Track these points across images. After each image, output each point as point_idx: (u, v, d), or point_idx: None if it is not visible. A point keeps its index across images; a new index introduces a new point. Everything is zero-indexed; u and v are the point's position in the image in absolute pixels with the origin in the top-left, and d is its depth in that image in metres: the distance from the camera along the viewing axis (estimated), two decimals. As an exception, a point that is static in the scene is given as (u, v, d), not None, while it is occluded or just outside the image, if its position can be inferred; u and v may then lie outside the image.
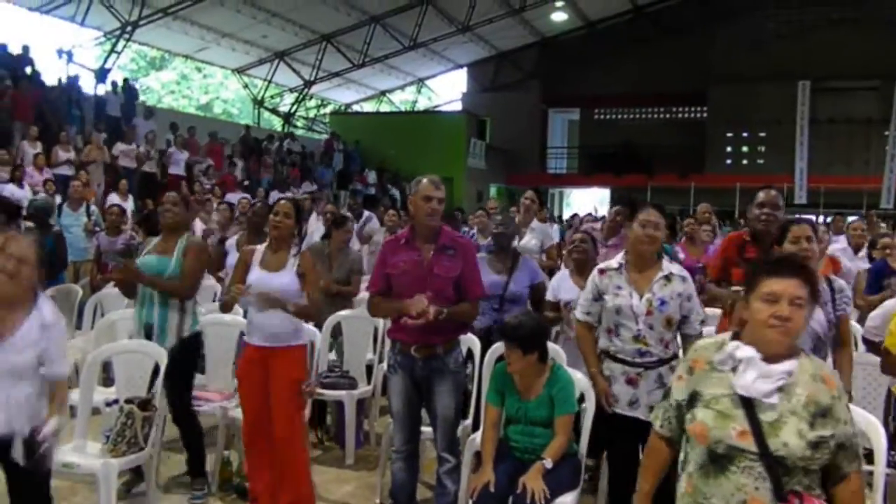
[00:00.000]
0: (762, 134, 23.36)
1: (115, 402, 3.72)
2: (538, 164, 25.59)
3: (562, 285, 4.53)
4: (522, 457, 3.36)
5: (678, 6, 22.93)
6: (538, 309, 4.51)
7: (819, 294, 2.26)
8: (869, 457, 2.62)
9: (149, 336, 3.93)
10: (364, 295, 5.79)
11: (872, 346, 3.68)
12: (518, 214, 6.45)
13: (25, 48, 13.46)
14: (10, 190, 9.20)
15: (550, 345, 3.67)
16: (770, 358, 2.04)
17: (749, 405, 2.01)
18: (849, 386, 3.24)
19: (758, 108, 22.35)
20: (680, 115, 25.18)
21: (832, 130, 21.77)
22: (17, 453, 2.73)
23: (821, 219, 17.72)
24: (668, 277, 3.30)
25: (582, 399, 3.54)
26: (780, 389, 2.01)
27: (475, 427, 4.05)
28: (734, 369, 2.07)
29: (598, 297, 3.38)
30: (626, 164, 23.15)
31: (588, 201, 24.76)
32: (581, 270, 4.42)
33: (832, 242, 6.82)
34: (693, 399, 2.13)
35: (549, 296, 4.55)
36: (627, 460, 3.32)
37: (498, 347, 4.02)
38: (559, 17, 22.63)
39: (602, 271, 3.42)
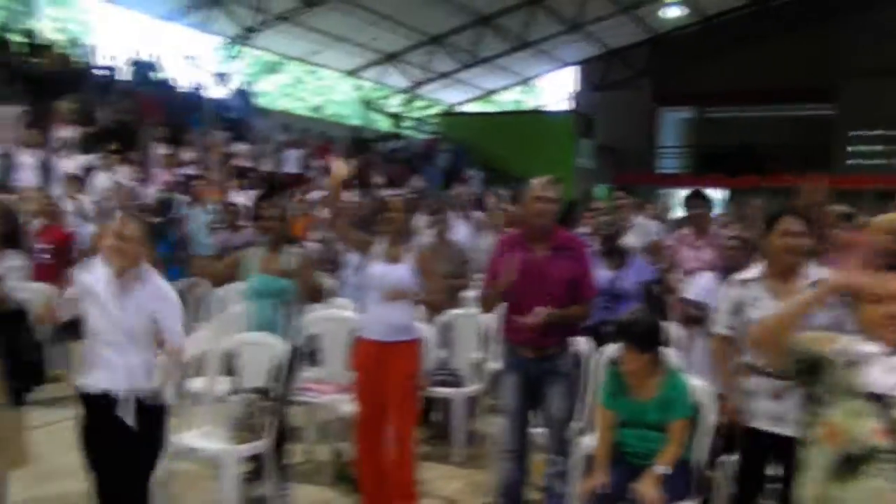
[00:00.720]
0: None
1: (239, 392, 3.89)
2: (648, 163, 24.96)
3: (712, 288, 4.26)
4: (636, 461, 3.29)
5: (804, -2, 21.81)
6: (654, 308, 4.40)
7: None
8: None
9: None
10: (472, 293, 5.85)
11: None
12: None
13: (154, 55, 14.30)
14: (143, 191, 9.80)
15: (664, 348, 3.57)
16: (892, 351, 1.95)
17: (880, 401, 1.91)
18: None
19: (891, 105, 20.92)
20: (802, 113, 23.92)
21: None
22: (128, 412, 2.97)
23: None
24: (815, 285, 3.09)
25: (698, 409, 3.43)
26: None
27: (585, 430, 4.00)
28: (854, 364, 1.97)
29: (739, 309, 3.20)
30: (741, 163, 22.22)
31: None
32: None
33: None
34: (821, 396, 2.02)
35: (694, 294, 4.33)
36: (757, 476, 3.16)
37: (609, 349, 3.95)
38: (673, 12, 21.99)
39: (742, 282, 3.25)
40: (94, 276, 3.06)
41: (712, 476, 3.84)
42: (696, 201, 5.39)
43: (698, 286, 4.31)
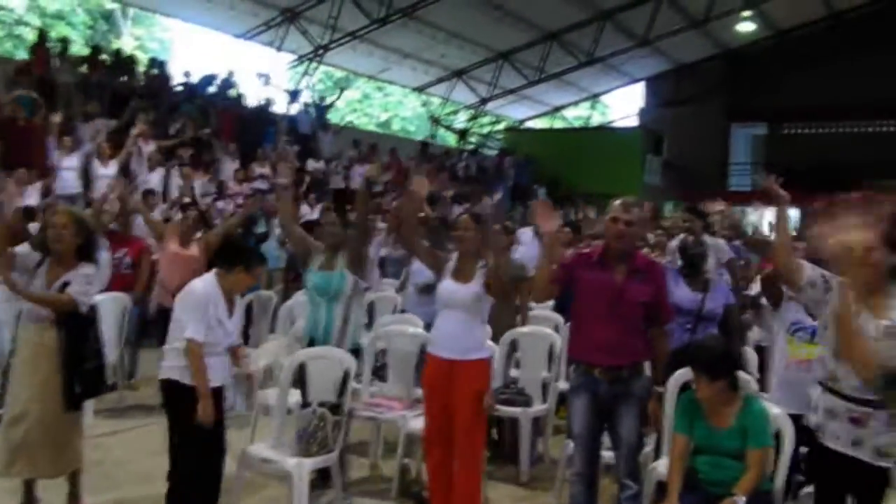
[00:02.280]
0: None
1: (308, 404, 3.94)
2: (718, 180, 24.40)
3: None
4: (711, 489, 3.20)
5: (883, 10, 21.07)
6: (728, 333, 4.29)
7: None
8: None
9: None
10: (538, 312, 5.80)
11: None
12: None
13: (230, 72, 14.74)
14: (219, 206, 10.09)
15: (742, 374, 3.47)
16: None
17: None
18: None
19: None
20: (881, 129, 23.09)
21: None
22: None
23: None
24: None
25: (778, 436, 3.32)
26: None
27: (657, 454, 3.92)
28: None
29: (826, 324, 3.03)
30: (818, 181, 21.49)
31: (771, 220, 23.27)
32: None
33: None
34: None
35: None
36: (836, 501, 3.03)
37: (682, 373, 3.86)
38: (746, 27, 21.51)
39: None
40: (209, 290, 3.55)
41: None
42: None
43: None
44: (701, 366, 3.22)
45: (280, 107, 16.13)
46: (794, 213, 23.67)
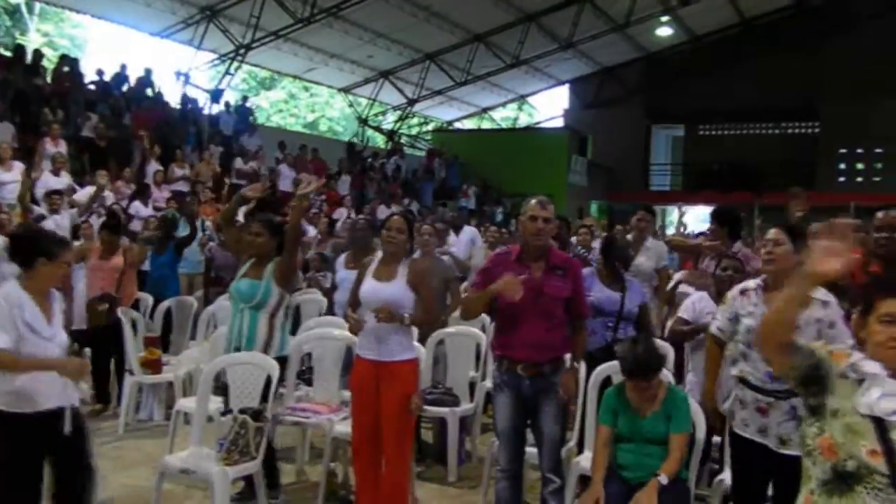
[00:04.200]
0: (879, 150, 22.07)
1: (229, 411, 3.84)
2: (640, 180, 25.07)
3: (703, 308, 4.30)
4: (632, 477, 3.28)
5: (789, 18, 22.04)
6: (643, 330, 4.39)
7: None
8: None
9: None
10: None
11: None
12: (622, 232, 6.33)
13: (147, 71, 14.30)
14: (136, 207, 9.77)
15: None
16: (893, 374, 1.95)
17: (879, 423, 1.91)
18: None
19: (875, 123, 21.14)
20: (790, 131, 24.15)
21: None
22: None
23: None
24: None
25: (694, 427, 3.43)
26: None
27: (580, 448, 3.98)
28: (859, 382, 1.97)
29: (734, 318, 3.25)
30: (733, 180, 22.36)
31: (692, 218, 24.02)
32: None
33: None
34: (821, 408, 2.02)
35: (685, 314, 4.36)
36: (755, 491, 3.16)
37: (604, 368, 3.94)
38: (664, 31, 22.17)
39: (743, 292, 3.28)
40: None
41: (707, 495, 3.83)
42: (716, 219, 5.36)
43: (691, 305, 4.34)
44: (644, 376, 3.30)
45: (202, 107, 15.76)
46: (709, 211, 24.46)
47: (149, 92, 14.14)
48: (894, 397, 1.92)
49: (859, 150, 22.48)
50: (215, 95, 16.39)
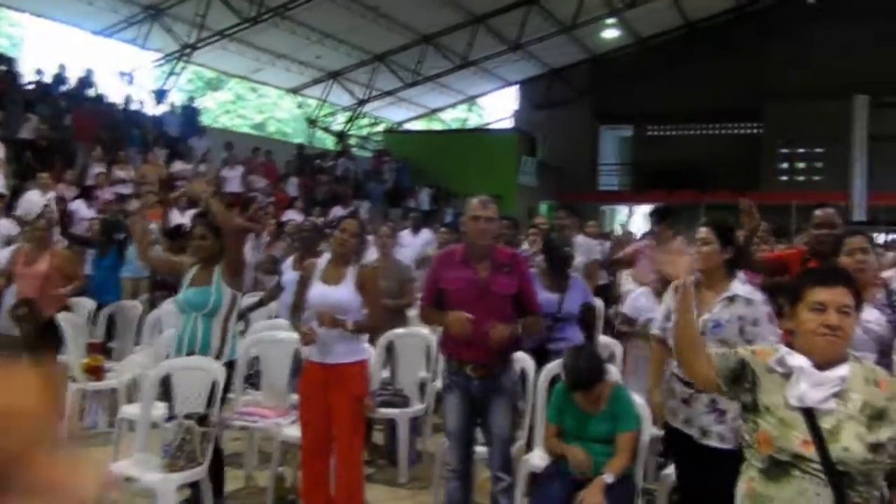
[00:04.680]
0: (819, 150, 22.77)
1: (174, 417, 3.77)
2: (590, 180, 25.39)
3: (643, 304, 4.42)
4: (575, 472, 3.32)
5: (732, 21, 22.60)
6: (588, 329, 4.45)
7: (863, 301, 2.25)
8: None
9: None
10: (416, 312, 5.82)
11: None
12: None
13: (88, 71, 13.94)
14: (78, 209, 9.52)
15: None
16: (822, 365, 2.04)
17: (808, 413, 2.01)
18: None
19: (814, 124, 21.80)
20: (734, 132, 24.74)
21: (893, 147, 21.10)
22: None
23: (882, 238, 17.18)
24: (731, 299, 3.18)
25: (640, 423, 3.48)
26: (835, 395, 2.01)
27: (529, 447, 4.01)
28: (787, 376, 2.07)
29: (670, 314, 3.30)
30: (679, 180, 22.81)
31: (640, 218, 24.44)
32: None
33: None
34: (754, 405, 2.12)
35: (626, 310, 4.47)
36: (695, 480, 3.23)
37: (552, 367, 3.98)
38: (610, 34, 22.49)
39: (676, 289, 3.33)
40: None
41: (654, 489, 3.90)
42: (657, 217, 5.51)
43: (632, 301, 4.43)
44: (587, 386, 3.33)
45: (146, 108, 15.43)
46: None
47: (90, 92, 13.79)
48: (822, 387, 2.01)
49: (800, 150, 23.17)
50: (160, 96, 16.08)
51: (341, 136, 22.16)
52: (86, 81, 13.79)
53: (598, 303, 5.55)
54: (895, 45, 20.53)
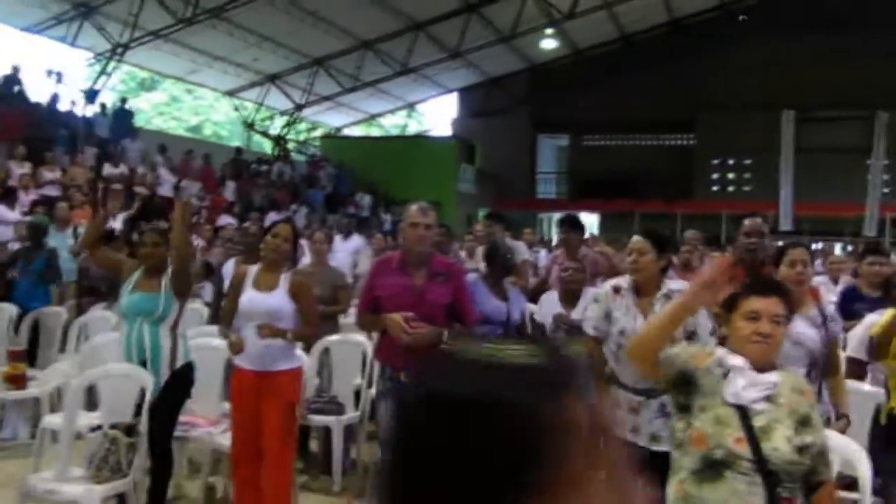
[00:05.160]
0: (748, 161, 23.57)
1: (100, 427, 3.66)
2: (527, 189, 25.70)
3: (549, 309, 4.56)
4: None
5: (666, 35, 23.23)
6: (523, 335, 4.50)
7: (795, 310, 2.41)
8: (853, 485, 2.63)
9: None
10: (351, 319, 5.78)
11: (856, 370, 3.69)
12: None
13: (15, 68, 13.45)
14: (1, 211, 9.16)
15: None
16: (755, 370, 2.15)
17: (742, 412, 2.10)
18: (845, 409, 3.26)
19: (744, 136, 22.58)
20: (667, 142, 25.38)
21: (817, 159, 21.97)
22: None
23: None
24: (667, 296, 3.26)
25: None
26: (766, 399, 2.12)
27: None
28: (725, 375, 2.16)
29: (608, 315, 3.33)
30: (615, 189, 23.30)
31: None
32: (571, 298, 4.48)
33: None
34: (689, 406, 2.20)
35: (537, 316, 4.57)
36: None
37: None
38: (549, 44, 22.82)
39: (616, 290, 3.37)
40: None
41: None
42: (566, 226, 5.65)
43: (541, 306, 4.53)
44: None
45: (76, 108, 14.96)
46: (593, 219, 25.57)
47: (16, 90, 13.30)
48: (756, 387, 2.11)
49: (731, 162, 23.95)
50: (91, 96, 15.60)
51: (279, 140, 21.88)
52: (11, 79, 13.30)
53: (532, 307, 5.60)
54: (821, 62, 21.41)
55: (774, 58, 22.15)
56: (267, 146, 22.33)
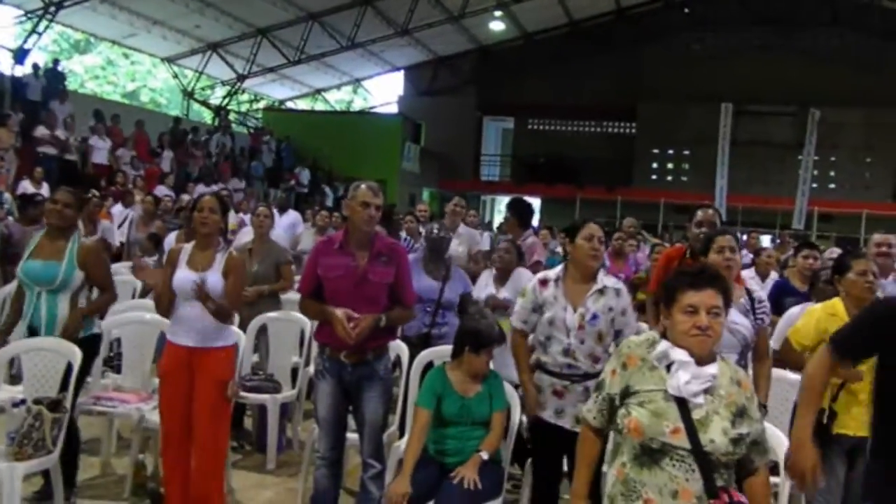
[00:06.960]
0: (686, 152, 24.10)
1: (23, 402, 3.52)
2: (471, 170, 25.75)
3: (483, 289, 4.63)
4: (453, 462, 3.35)
5: (611, 23, 23.48)
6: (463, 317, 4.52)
7: (732, 300, 2.40)
8: (774, 469, 2.72)
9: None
10: (292, 295, 5.70)
11: (782, 359, 3.81)
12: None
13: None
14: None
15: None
16: (696, 362, 2.19)
17: (681, 404, 2.15)
18: (765, 399, 3.35)
19: (683, 127, 23.09)
20: (610, 130, 25.74)
21: (751, 152, 22.60)
22: None
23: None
24: (601, 291, 3.34)
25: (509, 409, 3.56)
26: (705, 391, 2.17)
27: (401, 433, 4.02)
28: (668, 367, 2.20)
29: (537, 308, 3.40)
30: (557, 174, 23.54)
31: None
32: (502, 278, 4.55)
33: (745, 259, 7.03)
34: (626, 394, 2.24)
35: (475, 293, 4.61)
36: (551, 469, 3.38)
37: (427, 354, 4.01)
38: (497, 26, 22.83)
39: (543, 282, 3.43)
40: None
41: (520, 474, 4.01)
42: (511, 210, 5.70)
43: (477, 286, 4.62)
44: (488, 342, 3.41)
45: (4, 68, 14.30)
46: (537, 202, 25.86)
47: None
48: (698, 380, 2.16)
49: (670, 151, 24.45)
50: (20, 56, 14.90)
51: (220, 110, 21.35)
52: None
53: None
54: (760, 58, 21.98)
55: (715, 52, 22.65)
56: (207, 116, 21.77)
